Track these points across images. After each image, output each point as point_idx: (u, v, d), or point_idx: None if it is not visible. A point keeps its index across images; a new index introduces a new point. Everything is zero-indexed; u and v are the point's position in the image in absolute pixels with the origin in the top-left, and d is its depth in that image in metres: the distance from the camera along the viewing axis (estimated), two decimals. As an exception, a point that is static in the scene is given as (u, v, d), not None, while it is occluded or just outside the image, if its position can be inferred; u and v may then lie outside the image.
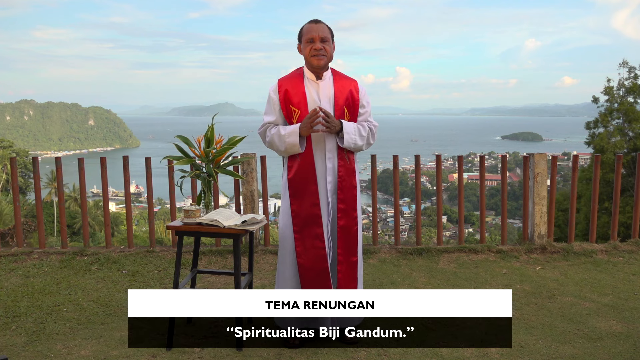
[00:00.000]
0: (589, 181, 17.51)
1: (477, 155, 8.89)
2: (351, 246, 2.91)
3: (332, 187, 2.87)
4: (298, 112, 2.85)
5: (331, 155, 2.87)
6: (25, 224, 14.73)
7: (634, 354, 2.84)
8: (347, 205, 2.89)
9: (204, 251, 4.73)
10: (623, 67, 20.07)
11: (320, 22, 2.87)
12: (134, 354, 2.79)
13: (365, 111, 3.00)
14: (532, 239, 4.90)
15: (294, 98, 2.86)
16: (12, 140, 61.20)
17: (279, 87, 2.90)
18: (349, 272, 2.90)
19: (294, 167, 2.87)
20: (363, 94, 2.98)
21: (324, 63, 2.86)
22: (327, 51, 2.85)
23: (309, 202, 2.84)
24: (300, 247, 2.85)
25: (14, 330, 3.14)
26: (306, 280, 2.84)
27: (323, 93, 2.89)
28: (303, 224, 2.85)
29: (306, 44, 2.85)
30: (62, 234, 4.89)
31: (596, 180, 5.08)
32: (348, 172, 2.90)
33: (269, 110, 2.94)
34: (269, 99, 2.94)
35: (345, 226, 2.89)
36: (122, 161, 4.94)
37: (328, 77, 2.93)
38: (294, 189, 2.87)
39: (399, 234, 5.03)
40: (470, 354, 2.81)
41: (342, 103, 2.89)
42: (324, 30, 2.85)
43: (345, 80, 2.96)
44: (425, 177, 57.79)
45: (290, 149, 2.84)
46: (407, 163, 62.48)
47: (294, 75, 2.94)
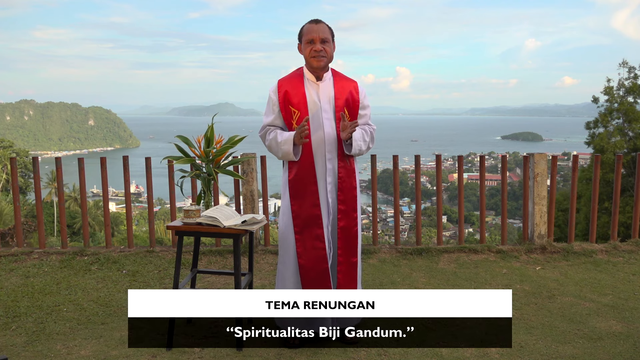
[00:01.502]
0: (589, 181, 17.51)
1: (477, 155, 8.89)
2: (351, 247, 2.91)
3: (332, 187, 2.87)
4: (298, 113, 2.85)
5: (331, 156, 2.87)
6: (25, 224, 14.73)
7: (634, 354, 2.84)
8: (347, 206, 2.89)
9: (204, 251, 4.72)
10: (623, 67, 20.08)
11: (320, 22, 2.86)
12: (134, 354, 2.79)
13: (366, 113, 3.00)
14: (532, 239, 4.90)
15: (294, 99, 2.86)
16: (12, 140, 61.17)
17: (279, 87, 2.90)
18: (349, 272, 2.90)
19: (294, 167, 2.87)
20: (363, 95, 2.98)
21: (324, 64, 2.85)
22: (327, 52, 2.84)
23: (309, 202, 2.84)
24: (301, 248, 2.85)
25: (14, 330, 3.14)
26: (307, 281, 2.84)
27: (323, 94, 2.88)
28: (304, 224, 2.85)
29: (306, 45, 2.84)
30: (62, 234, 4.89)
31: (596, 180, 5.08)
32: (348, 173, 2.90)
33: (268, 111, 2.94)
34: (269, 99, 2.93)
35: (346, 227, 2.88)
36: (122, 161, 4.94)
37: (328, 78, 2.93)
38: (294, 189, 2.87)
39: (399, 234, 5.03)
40: (470, 354, 2.81)
41: (342, 104, 2.89)
42: (325, 31, 2.84)
43: (345, 81, 2.96)
44: (425, 177, 57.78)
45: (285, 157, 2.86)
46: (407, 163, 62.48)
47: (293, 76, 2.94)
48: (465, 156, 23.64)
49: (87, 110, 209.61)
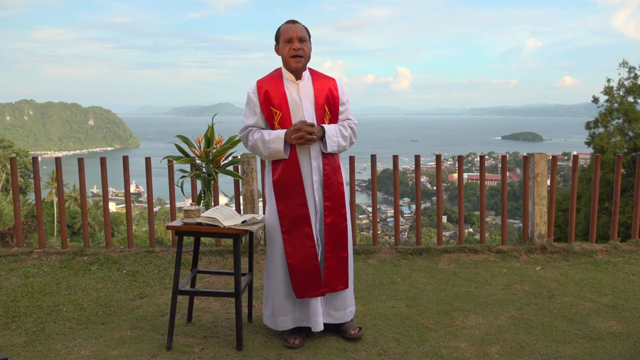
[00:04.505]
0: (589, 181, 17.51)
1: (477, 155, 8.90)
2: (340, 242, 2.92)
3: (318, 185, 2.88)
4: (280, 114, 2.85)
5: (316, 154, 2.88)
6: (25, 224, 14.74)
7: (634, 354, 2.84)
8: (335, 202, 2.90)
9: (204, 251, 4.72)
10: (623, 67, 20.10)
11: (297, 22, 2.90)
12: (134, 354, 2.79)
13: (346, 109, 3.02)
14: (532, 239, 4.90)
15: (275, 99, 2.86)
16: (12, 140, 61.17)
17: (259, 88, 2.90)
18: (337, 267, 2.91)
19: (279, 168, 2.87)
20: (342, 92, 3.00)
21: (302, 65, 2.88)
22: (305, 51, 2.86)
23: (296, 202, 2.85)
24: (290, 248, 2.86)
25: (14, 330, 3.14)
26: (297, 279, 2.85)
27: (303, 93, 2.89)
28: (291, 224, 2.86)
29: (284, 44, 2.86)
30: (62, 234, 4.89)
31: (596, 180, 5.08)
32: (333, 170, 2.91)
33: (248, 113, 2.93)
34: (249, 101, 2.92)
35: (333, 223, 2.89)
36: (122, 161, 4.94)
37: (307, 77, 2.95)
38: (279, 190, 2.87)
39: (399, 234, 5.03)
40: (470, 354, 2.81)
41: (322, 102, 2.90)
42: (302, 30, 2.87)
43: (323, 79, 2.98)
44: (425, 177, 57.81)
45: (274, 155, 2.85)
46: (407, 163, 62.50)
47: (272, 76, 2.94)
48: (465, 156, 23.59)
49: (87, 110, 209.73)
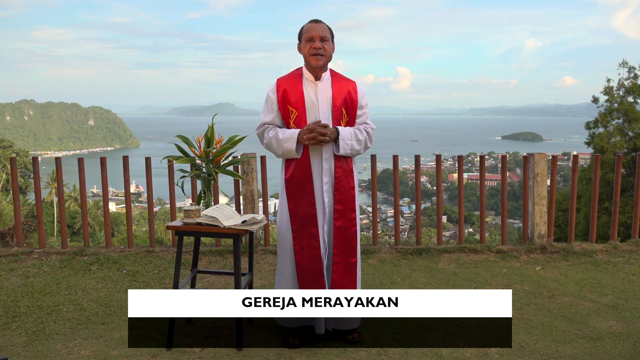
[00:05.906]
0: (589, 181, 17.51)
1: (477, 155, 8.90)
2: (349, 247, 2.90)
3: (328, 187, 2.87)
4: (296, 113, 2.86)
5: (328, 156, 2.87)
6: (25, 224, 14.73)
7: (634, 354, 2.84)
8: (345, 206, 2.89)
9: (204, 251, 4.72)
10: (623, 67, 20.10)
11: (320, 22, 2.89)
12: (134, 354, 2.79)
13: (364, 112, 3.00)
14: (532, 239, 4.90)
15: (292, 98, 2.86)
16: (12, 140, 61.20)
17: (278, 86, 2.91)
18: (345, 273, 2.89)
19: (291, 167, 2.88)
20: (361, 95, 2.98)
21: (322, 63, 2.86)
22: (327, 50, 2.85)
23: (305, 202, 2.85)
24: (298, 246, 2.86)
25: (14, 330, 3.14)
26: (302, 279, 2.85)
27: (321, 94, 2.89)
28: (300, 223, 2.86)
29: (306, 43, 2.86)
30: (62, 234, 4.89)
31: (596, 180, 5.08)
32: (345, 173, 2.90)
33: (267, 110, 2.94)
34: (267, 98, 2.94)
35: (343, 227, 2.88)
36: (122, 161, 4.94)
37: (327, 78, 2.94)
38: (290, 188, 2.88)
39: (399, 234, 5.03)
40: (470, 354, 2.81)
41: (340, 104, 2.89)
42: (324, 30, 2.86)
43: (343, 81, 2.96)
44: (425, 177, 57.80)
45: (287, 154, 2.86)
46: (407, 163, 62.49)
47: (292, 76, 2.95)
48: (465, 156, 23.62)
49: (87, 110, 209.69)
